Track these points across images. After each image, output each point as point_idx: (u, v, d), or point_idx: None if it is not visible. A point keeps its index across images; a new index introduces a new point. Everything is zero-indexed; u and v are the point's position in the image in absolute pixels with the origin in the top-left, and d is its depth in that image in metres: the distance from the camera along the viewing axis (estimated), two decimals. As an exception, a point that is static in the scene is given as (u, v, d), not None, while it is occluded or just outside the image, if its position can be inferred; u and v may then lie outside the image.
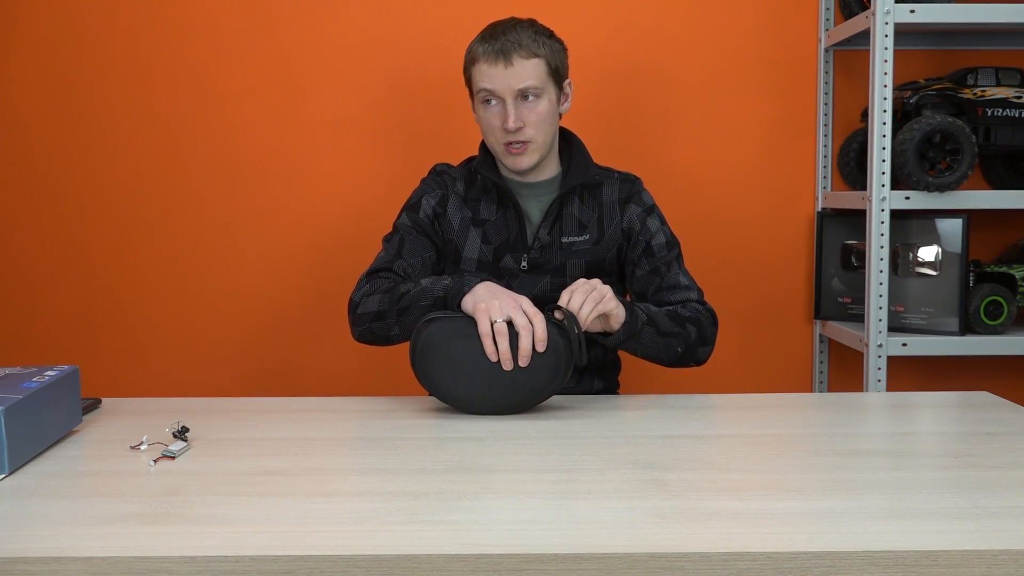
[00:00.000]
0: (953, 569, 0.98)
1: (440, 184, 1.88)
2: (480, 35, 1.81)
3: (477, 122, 1.85)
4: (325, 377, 2.60)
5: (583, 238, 1.83)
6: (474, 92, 1.81)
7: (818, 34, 2.57)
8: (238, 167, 2.57)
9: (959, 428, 1.48)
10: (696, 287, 1.84)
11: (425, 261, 1.83)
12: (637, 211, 1.85)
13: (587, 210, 1.84)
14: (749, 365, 2.63)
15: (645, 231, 1.84)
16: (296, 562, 0.97)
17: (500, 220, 1.84)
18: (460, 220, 1.85)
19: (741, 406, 1.62)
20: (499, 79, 1.75)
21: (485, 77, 1.77)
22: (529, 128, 1.77)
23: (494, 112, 1.78)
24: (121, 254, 2.59)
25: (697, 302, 1.81)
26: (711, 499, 1.13)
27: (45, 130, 2.56)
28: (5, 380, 1.33)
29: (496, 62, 1.75)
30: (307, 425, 1.49)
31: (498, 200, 1.84)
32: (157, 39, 2.54)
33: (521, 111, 1.76)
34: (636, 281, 1.84)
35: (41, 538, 1.02)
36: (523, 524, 1.05)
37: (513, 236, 1.83)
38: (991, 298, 2.34)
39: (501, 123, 1.77)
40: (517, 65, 1.75)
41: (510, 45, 1.75)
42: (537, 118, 1.78)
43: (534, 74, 1.76)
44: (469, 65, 1.81)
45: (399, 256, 1.81)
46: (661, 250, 1.84)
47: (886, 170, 2.25)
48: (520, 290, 1.81)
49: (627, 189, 1.87)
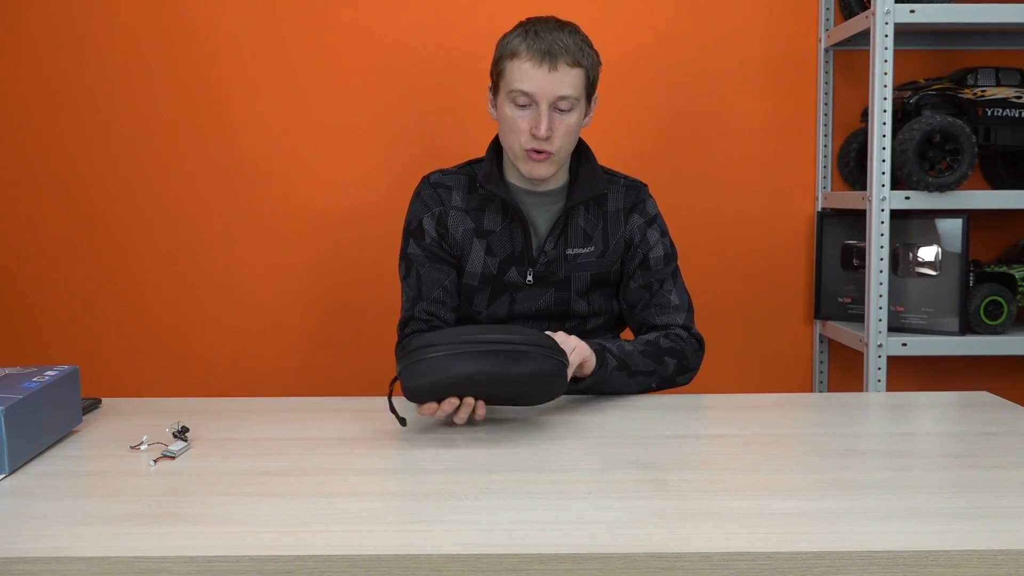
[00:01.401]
0: (953, 569, 0.98)
1: (435, 199, 1.79)
2: (521, 30, 1.70)
3: (494, 117, 1.76)
4: (325, 377, 2.60)
5: (588, 250, 1.78)
6: (504, 89, 1.70)
7: (818, 34, 2.57)
8: (239, 167, 2.57)
9: (959, 428, 1.48)
10: (686, 308, 1.80)
11: (448, 288, 1.78)
12: (639, 221, 1.81)
13: (592, 220, 1.79)
14: (749, 365, 2.63)
15: (644, 243, 1.80)
16: (296, 562, 0.97)
17: (505, 232, 1.77)
18: (462, 232, 1.78)
19: (741, 406, 1.62)
20: (541, 83, 1.66)
21: (525, 77, 1.66)
22: (556, 139, 1.69)
23: (524, 115, 1.68)
24: (121, 254, 2.58)
25: (682, 327, 1.77)
26: (711, 499, 1.13)
27: (45, 130, 2.56)
28: (5, 380, 1.33)
29: (541, 64, 1.65)
30: (307, 425, 1.49)
31: (502, 210, 1.78)
32: (157, 39, 2.54)
33: (553, 120, 1.68)
34: (628, 292, 1.81)
35: (41, 538, 1.02)
36: (523, 524, 1.05)
37: (519, 249, 1.77)
38: (991, 298, 2.34)
39: (529, 127, 1.68)
40: (562, 72, 1.66)
41: (557, 49, 1.65)
42: (566, 130, 1.69)
43: (575, 84, 1.67)
44: (505, 59, 1.69)
45: (420, 298, 1.78)
46: (657, 263, 1.80)
47: (886, 170, 2.25)
48: (524, 303, 1.79)
49: (632, 197, 1.82)
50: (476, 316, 1.81)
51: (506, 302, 1.79)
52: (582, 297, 1.80)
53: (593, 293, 1.81)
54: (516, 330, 1.42)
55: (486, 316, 1.81)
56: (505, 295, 1.79)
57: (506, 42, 1.71)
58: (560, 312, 1.80)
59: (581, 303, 1.80)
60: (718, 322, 2.57)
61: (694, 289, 1.99)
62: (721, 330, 2.58)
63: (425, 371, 1.38)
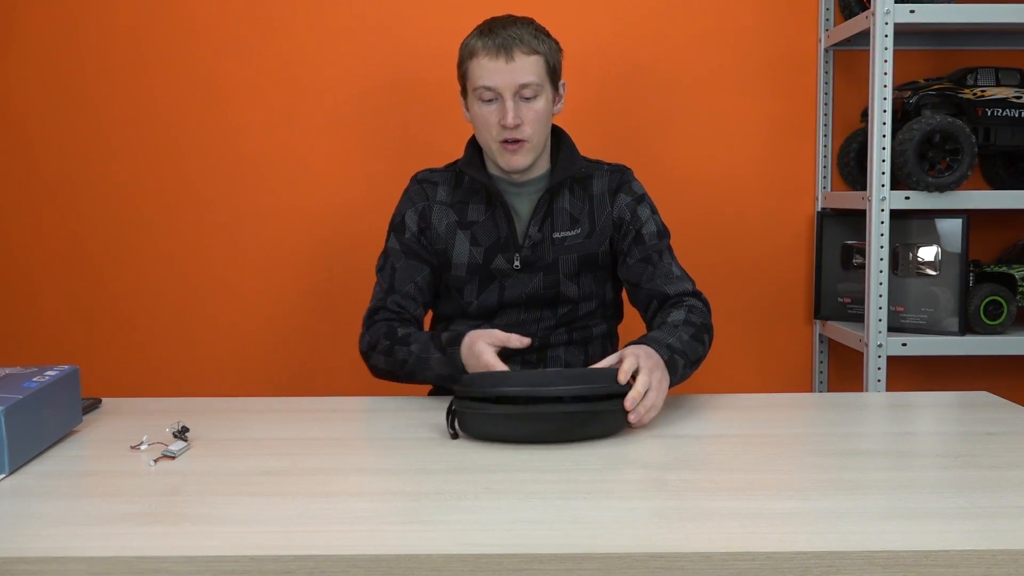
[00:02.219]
0: (953, 569, 0.98)
1: (420, 194, 1.86)
2: (477, 31, 1.78)
3: (468, 120, 1.83)
4: (325, 377, 2.60)
5: (575, 232, 1.81)
6: (470, 89, 1.78)
7: (818, 34, 2.57)
8: (238, 167, 2.57)
9: (959, 428, 1.48)
10: (689, 278, 1.82)
11: (419, 284, 1.82)
12: (627, 200, 1.84)
13: (578, 203, 1.83)
14: (749, 365, 2.63)
15: (635, 220, 1.82)
16: (296, 562, 0.97)
17: (489, 221, 1.82)
18: (445, 226, 1.83)
19: (741, 406, 1.62)
20: (500, 75, 1.73)
21: (485, 73, 1.74)
22: (527, 126, 1.75)
23: (492, 109, 1.75)
24: (121, 254, 2.59)
25: (693, 295, 1.79)
26: (711, 499, 1.13)
27: (45, 130, 2.56)
28: (5, 380, 1.33)
29: (497, 57, 1.72)
30: (307, 425, 1.49)
31: (486, 200, 1.83)
32: (157, 39, 2.54)
33: (520, 109, 1.74)
34: (627, 269, 1.82)
35: (41, 538, 1.02)
36: (523, 524, 1.05)
37: (503, 236, 1.81)
38: (991, 298, 2.34)
39: (498, 119, 1.74)
40: (519, 60, 1.73)
41: (511, 40, 1.73)
42: (535, 116, 1.76)
43: (534, 71, 1.74)
44: (466, 60, 1.78)
45: (391, 290, 1.81)
46: (652, 238, 1.82)
47: (886, 170, 2.25)
48: (513, 290, 1.81)
49: (617, 179, 1.86)
50: (467, 307, 1.83)
51: (495, 290, 1.82)
52: (571, 280, 1.81)
53: (583, 276, 1.83)
54: (580, 377, 1.40)
55: (476, 306, 1.83)
56: (494, 283, 1.81)
57: (465, 44, 1.80)
58: (550, 297, 1.81)
59: (571, 286, 1.82)
60: (718, 322, 2.55)
61: (694, 289, 1.99)
62: (721, 330, 2.57)
63: (487, 427, 1.38)
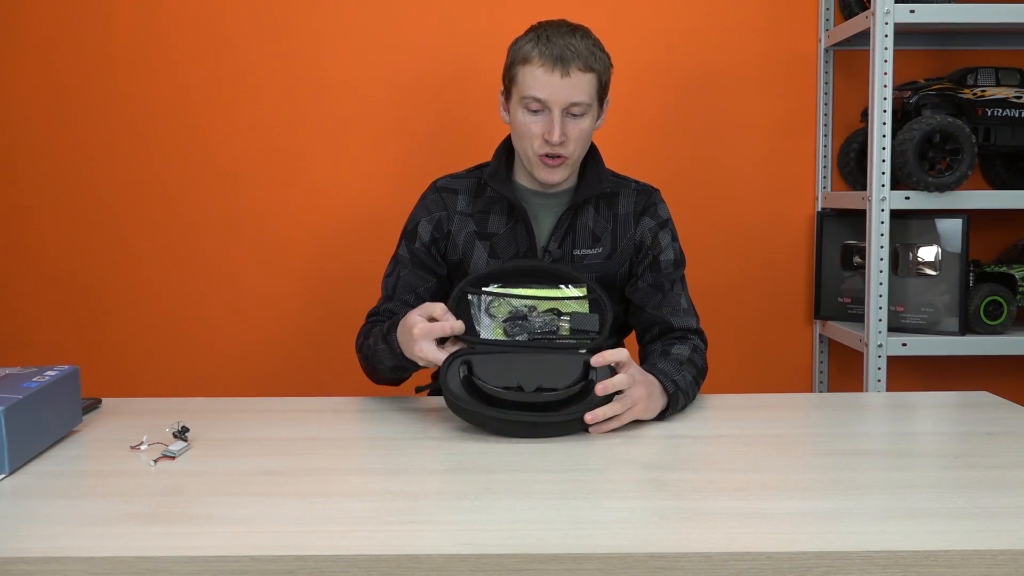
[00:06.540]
0: (953, 569, 0.98)
1: (439, 204, 1.80)
2: (534, 35, 1.68)
3: (506, 121, 1.76)
4: (325, 377, 2.60)
5: (596, 251, 1.78)
6: (516, 95, 1.70)
7: (818, 34, 2.57)
8: (238, 167, 2.57)
9: (959, 428, 1.48)
10: (695, 313, 1.80)
11: (421, 295, 1.78)
12: (651, 224, 1.80)
13: (602, 221, 1.79)
14: (749, 365, 2.63)
15: (655, 245, 1.79)
16: (296, 562, 0.97)
17: (509, 234, 1.77)
18: (465, 236, 1.78)
19: (741, 406, 1.62)
20: (554, 89, 1.65)
21: (538, 84, 1.65)
22: (570, 144, 1.68)
23: (537, 120, 1.68)
24: (121, 254, 2.59)
25: (696, 332, 1.77)
26: (711, 499, 1.13)
27: (45, 130, 2.56)
28: (5, 380, 1.33)
29: (553, 70, 1.64)
30: (307, 425, 1.49)
31: (508, 211, 1.78)
32: (157, 39, 2.54)
33: (566, 125, 1.67)
34: (637, 291, 1.79)
35: (41, 538, 1.02)
36: (523, 524, 1.05)
37: (523, 250, 1.76)
38: (991, 298, 2.34)
39: (542, 132, 1.67)
40: (574, 77, 1.65)
41: (570, 54, 1.64)
42: (579, 134, 1.69)
43: (587, 90, 1.67)
44: (517, 64, 1.69)
45: (391, 297, 1.79)
46: (668, 266, 1.79)
47: (886, 170, 2.25)
48: None
49: (644, 201, 1.81)
50: None
51: None
52: None
53: None
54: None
55: None
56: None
57: (518, 47, 1.70)
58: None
59: None
60: (718, 322, 2.57)
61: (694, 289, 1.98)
62: (721, 330, 2.58)
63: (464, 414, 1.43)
